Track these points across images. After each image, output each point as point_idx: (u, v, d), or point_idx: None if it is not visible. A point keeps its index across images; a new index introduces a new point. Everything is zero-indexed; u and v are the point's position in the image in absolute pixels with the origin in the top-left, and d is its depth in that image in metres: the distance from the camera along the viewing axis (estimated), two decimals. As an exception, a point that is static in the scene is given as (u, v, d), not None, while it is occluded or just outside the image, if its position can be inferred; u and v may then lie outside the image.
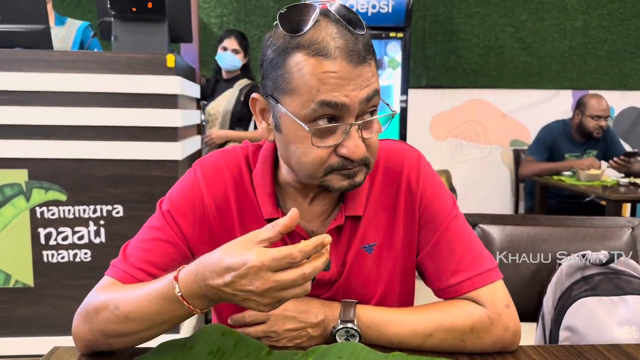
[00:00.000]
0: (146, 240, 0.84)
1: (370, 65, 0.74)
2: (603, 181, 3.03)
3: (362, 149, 0.75)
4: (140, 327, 0.73)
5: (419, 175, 0.88)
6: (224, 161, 0.89)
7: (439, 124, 4.02)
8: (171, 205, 0.86)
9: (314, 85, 0.71)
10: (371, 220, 0.88)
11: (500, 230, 1.26)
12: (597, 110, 3.17)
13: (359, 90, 0.72)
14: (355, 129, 0.74)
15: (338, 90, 0.71)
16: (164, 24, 2.05)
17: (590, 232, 1.27)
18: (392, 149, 0.91)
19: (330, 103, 0.71)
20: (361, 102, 0.73)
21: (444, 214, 0.87)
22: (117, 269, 0.82)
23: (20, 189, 1.88)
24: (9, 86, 1.84)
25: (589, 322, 1.10)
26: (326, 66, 0.71)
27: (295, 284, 0.64)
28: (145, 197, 1.92)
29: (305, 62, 0.72)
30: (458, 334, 0.80)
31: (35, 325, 1.93)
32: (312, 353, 0.75)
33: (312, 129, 0.73)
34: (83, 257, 1.93)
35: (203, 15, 3.77)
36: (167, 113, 1.91)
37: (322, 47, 0.71)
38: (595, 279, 1.15)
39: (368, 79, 0.73)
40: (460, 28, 3.91)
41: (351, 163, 0.76)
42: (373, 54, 0.76)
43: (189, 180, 0.88)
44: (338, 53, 0.71)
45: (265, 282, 0.63)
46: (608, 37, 3.99)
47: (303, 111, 0.73)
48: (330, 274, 0.85)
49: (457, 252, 0.85)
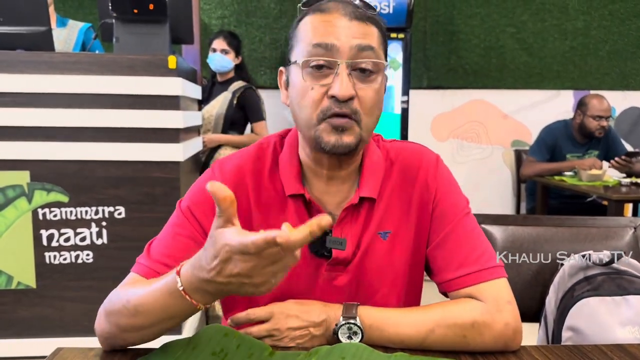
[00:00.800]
0: (168, 237, 0.88)
1: (369, 26, 0.82)
2: (605, 181, 3.03)
3: (348, 88, 0.80)
4: (147, 321, 0.74)
5: (436, 174, 0.92)
6: (241, 157, 0.93)
7: (440, 125, 4.01)
8: (190, 202, 0.89)
9: (310, 33, 0.82)
10: (387, 208, 0.91)
11: (502, 230, 1.26)
12: (599, 110, 3.17)
13: (351, 38, 0.80)
14: (345, 69, 0.80)
15: (330, 34, 0.80)
16: (165, 26, 2.05)
17: (593, 232, 1.27)
18: (412, 149, 0.96)
19: (321, 44, 0.80)
20: (352, 47, 0.80)
21: (456, 211, 0.90)
22: (141, 265, 0.85)
23: (23, 191, 1.88)
24: (11, 88, 1.84)
25: (592, 322, 1.10)
26: (322, 17, 0.82)
27: (278, 257, 0.61)
28: (147, 199, 1.92)
29: (308, 18, 0.83)
30: (459, 329, 0.81)
31: (37, 326, 1.94)
32: (315, 353, 0.75)
33: (304, 60, 0.81)
34: (85, 258, 1.93)
35: (204, 17, 3.78)
36: (168, 114, 1.91)
37: (324, 6, 0.82)
38: (598, 279, 1.15)
39: (362, 33, 0.81)
40: (461, 29, 3.91)
41: (339, 105, 0.80)
42: (378, 28, 0.84)
43: (207, 177, 0.92)
44: (337, 9, 0.82)
45: (249, 261, 0.61)
46: (609, 37, 3.99)
47: (302, 58, 0.82)
48: (345, 254, 0.88)
49: (464, 247, 0.88)
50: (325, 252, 0.88)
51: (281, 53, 3.83)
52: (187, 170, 2.20)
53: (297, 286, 0.88)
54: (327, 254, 0.88)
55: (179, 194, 1.92)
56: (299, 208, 0.89)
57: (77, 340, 1.92)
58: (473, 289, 0.85)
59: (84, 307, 1.94)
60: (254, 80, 3.52)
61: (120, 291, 0.79)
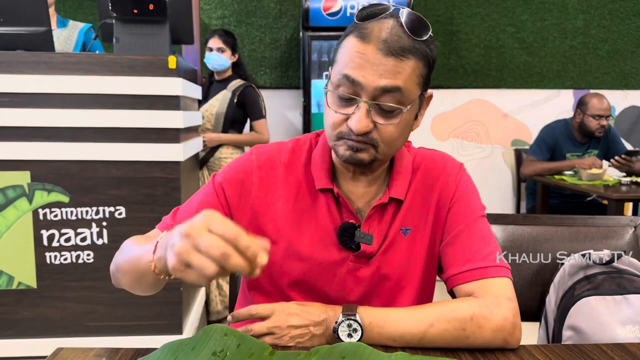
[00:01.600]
0: (194, 204, 0.96)
1: (403, 62, 0.81)
2: (605, 180, 3.03)
3: (364, 124, 0.82)
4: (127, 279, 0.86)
5: (457, 178, 0.97)
6: (278, 148, 0.99)
7: (440, 125, 4.02)
8: (224, 179, 0.96)
9: (345, 60, 0.83)
10: (410, 207, 0.96)
11: (502, 229, 1.26)
12: (599, 109, 3.16)
13: (377, 77, 0.81)
14: (365, 106, 0.82)
15: (360, 70, 0.81)
16: (165, 26, 2.05)
17: (593, 231, 1.27)
18: (437, 156, 1.01)
19: (349, 77, 0.82)
20: (377, 88, 0.81)
21: (470, 212, 0.94)
22: (164, 223, 0.96)
23: (23, 191, 1.88)
24: (11, 88, 1.84)
25: (592, 322, 1.10)
26: (359, 47, 0.82)
27: (208, 252, 0.59)
28: (148, 199, 1.92)
29: (350, 41, 0.84)
30: (458, 322, 0.82)
31: (38, 326, 1.94)
32: (315, 353, 0.75)
33: (330, 90, 0.86)
34: (86, 258, 1.93)
35: (204, 17, 3.78)
36: (168, 114, 1.91)
37: (367, 33, 0.82)
38: (598, 278, 1.15)
39: (392, 72, 0.81)
40: (461, 28, 3.91)
41: (356, 136, 0.84)
42: (418, 58, 0.83)
43: (244, 158, 0.99)
44: (375, 40, 0.81)
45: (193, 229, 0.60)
46: (609, 36, 3.99)
47: (334, 79, 0.85)
48: (371, 248, 0.93)
49: (474, 245, 0.91)
50: (353, 245, 0.92)
51: (281, 53, 3.83)
52: (188, 170, 2.20)
53: (320, 272, 0.93)
54: (355, 247, 0.93)
55: (179, 193, 1.93)
56: (329, 201, 0.94)
57: (78, 340, 1.92)
58: (476, 285, 0.87)
59: (84, 307, 1.94)
60: (253, 78, 3.52)
61: (127, 244, 0.89)
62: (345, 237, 0.92)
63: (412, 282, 0.95)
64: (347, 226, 0.92)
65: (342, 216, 0.94)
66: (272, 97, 3.81)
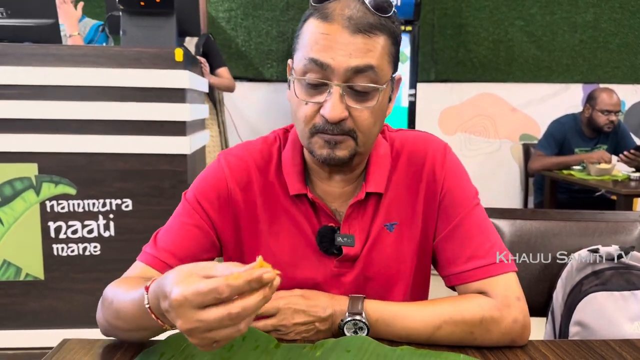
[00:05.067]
0: (174, 226, 0.88)
1: (372, 39, 0.76)
2: (613, 176, 3.00)
3: (339, 111, 0.76)
4: (126, 326, 0.74)
5: (443, 163, 0.90)
6: (247, 150, 0.92)
7: (447, 119, 3.99)
8: (197, 192, 0.89)
9: (309, 43, 0.76)
10: (393, 200, 0.90)
11: (510, 224, 1.25)
12: (608, 104, 3.13)
13: (348, 57, 0.75)
14: (338, 91, 0.76)
15: (326, 51, 0.75)
16: (172, 18, 2.05)
17: (601, 226, 1.25)
18: (419, 137, 0.93)
19: (317, 61, 0.75)
20: (347, 69, 0.75)
21: (464, 202, 0.88)
22: (147, 254, 0.86)
23: (30, 183, 1.89)
24: (19, 80, 1.84)
25: (600, 317, 1.09)
26: (323, 28, 0.75)
27: (222, 324, 0.55)
28: (155, 191, 1.92)
29: (311, 23, 0.77)
30: (467, 326, 0.80)
31: (45, 318, 1.95)
32: (320, 346, 0.75)
33: (296, 79, 0.78)
34: (92, 250, 1.94)
35: (211, 10, 3.77)
36: (175, 107, 1.91)
37: (329, 12, 0.76)
38: (606, 274, 1.14)
39: (362, 50, 0.75)
40: (469, 21, 3.88)
41: (331, 127, 0.77)
42: (387, 35, 0.77)
43: (213, 167, 0.92)
44: (339, 19, 0.75)
45: (187, 321, 0.55)
46: (619, 30, 3.95)
47: (298, 67, 0.78)
48: (355, 250, 0.87)
49: (474, 239, 0.86)
50: (334, 250, 0.88)
51: (288, 46, 3.81)
52: (195, 163, 2.20)
53: (304, 281, 0.88)
54: (337, 251, 0.88)
55: (186, 186, 1.90)
56: (305, 207, 0.89)
57: (85, 331, 1.93)
58: (482, 284, 0.84)
59: (91, 299, 1.95)
60: (262, 73, 3.53)
61: (112, 287, 0.79)
62: (324, 243, 0.87)
63: (402, 280, 0.90)
64: (325, 231, 0.87)
65: (320, 220, 0.88)
66: (278, 90, 3.80)
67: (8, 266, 1.92)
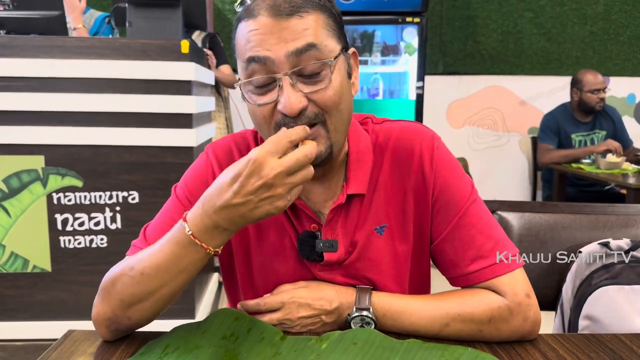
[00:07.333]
0: (164, 220, 0.85)
1: (303, 17, 0.72)
2: (623, 169, 2.97)
3: (295, 100, 0.72)
4: (156, 283, 0.73)
5: (432, 157, 0.84)
6: (233, 143, 0.90)
7: (455, 111, 3.97)
8: (185, 187, 0.87)
9: (243, 46, 0.74)
10: (381, 201, 0.85)
11: (519, 217, 1.23)
12: (595, 83, 3.22)
13: (284, 44, 0.71)
14: (287, 81, 0.72)
15: (261, 45, 0.72)
16: (178, 10, 2.04)
17: (612, 219, 1.24)
18: (405, 129, 0.87)
19: (255, 58, 0.72)
20: (288, 54, 0.71)
21: (461, 199, 0.84)
22: (137, 248, 0.83)
23: (37, 175, 1.89)
24: (25, 72, 1.84)
25: (610, 311, 1.08)
26: (252, 25, 0.73)
27: (300, 164, 0.66)
28: (161, 184, 1.92)
29: (240, 27, 0.75)
30: (475, 324, 0.78)
31: (52, 309, 1.96)
32: (326, 339, 0.74)
33: (244, 84, 0.75)
34: (99, 242, 1.94)
35: (217, 2, 3.76)
36: (181, 99, 1.90)
37: (251, 10, 0.74)
38: (616, 268, 1.12)
39: (297, 31, 0.72)
40: (478, 13, 3.84)
41: (292, 120, 0.73)
42: (318, 9, 0.74)
43: (202, 162, 0.90)
44: (262, 11, 0.72)
45: (273, 169, 0.65)
46: (630, 22, 3.90)
47: (242, 73, 0.76)
48: (338, 255, 0.83)
49: (476, 238, 0.82)
50: (316, 256, 0.83)
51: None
52: (200, 156, 2.20)
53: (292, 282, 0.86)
54: (319, 258, 0.83)
55: (192, 179, 1.92)
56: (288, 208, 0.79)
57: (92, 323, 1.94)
58: (489, 284, 0.81)
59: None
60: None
61: (114, 269, 0.78)
62: (305, 249, 0.83)
63: (399, 282, 0.87)
64: (305, 237, 0.83)
65: (302, 223, 0.84)
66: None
67: (15, 258, 1.92)
